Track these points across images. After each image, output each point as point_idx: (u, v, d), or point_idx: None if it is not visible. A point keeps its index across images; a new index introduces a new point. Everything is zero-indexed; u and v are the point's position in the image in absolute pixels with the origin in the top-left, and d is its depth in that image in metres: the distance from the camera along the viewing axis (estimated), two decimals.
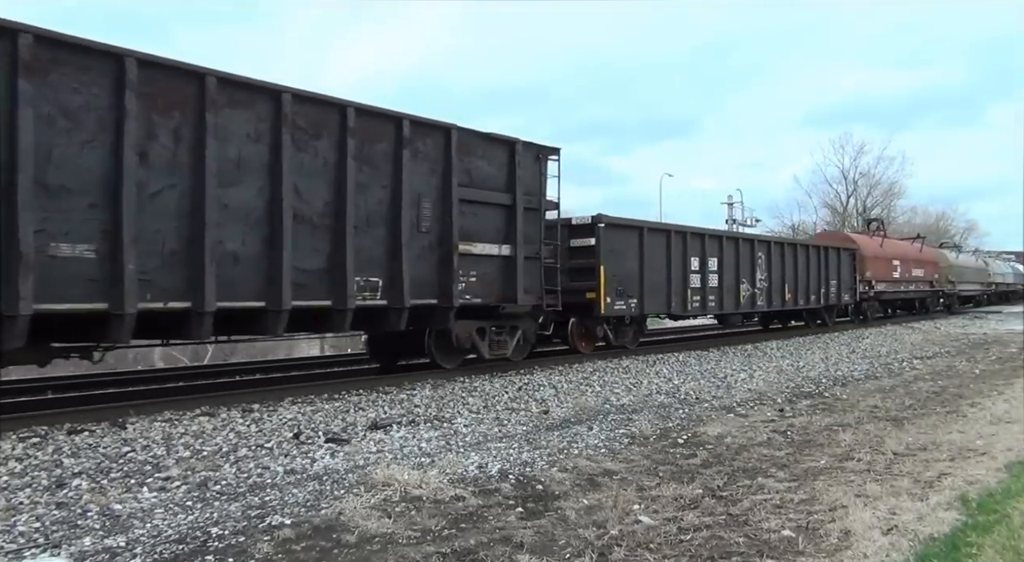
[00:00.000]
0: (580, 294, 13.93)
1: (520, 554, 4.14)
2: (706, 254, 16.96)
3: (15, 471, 5.86)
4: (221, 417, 8.12)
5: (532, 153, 12.27)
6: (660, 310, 16.08)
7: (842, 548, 4.19)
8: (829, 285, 22.67)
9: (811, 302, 21.82)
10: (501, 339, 12.14)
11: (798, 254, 21.19)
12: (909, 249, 31.50)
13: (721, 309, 17.84)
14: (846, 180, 62.17)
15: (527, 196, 12.04)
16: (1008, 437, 6.98)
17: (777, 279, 19.94)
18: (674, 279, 15.88)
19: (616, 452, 6.69)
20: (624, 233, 14.88)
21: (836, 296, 23.23)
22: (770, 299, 19.64)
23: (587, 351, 14.63)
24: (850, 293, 24.27)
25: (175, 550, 4.19)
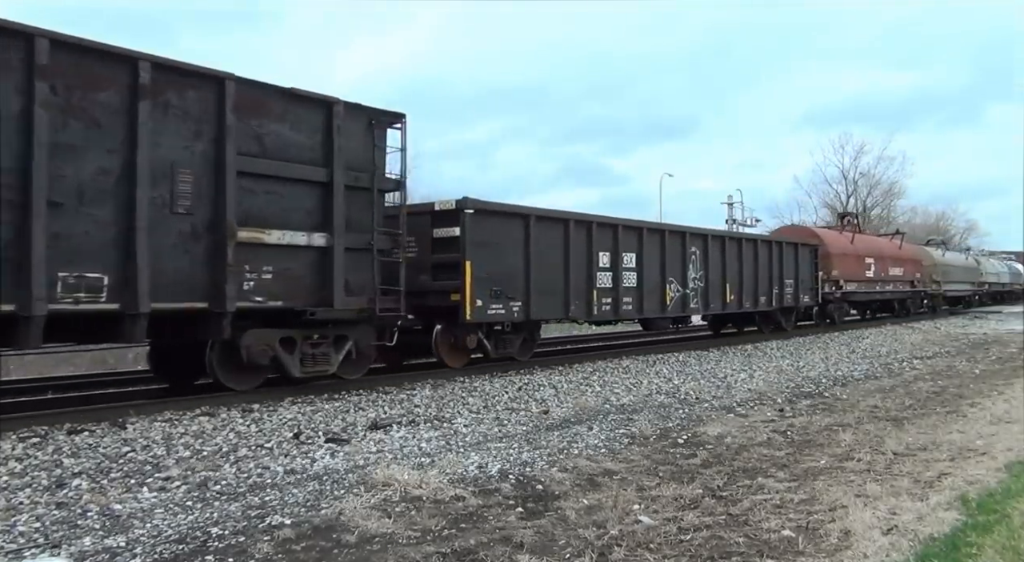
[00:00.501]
0: (445, 296, 11.59)
1: (520, 554, 4.14)
2: (620, 249, 14.33)
3: (15, 471, 5.86)
4: (221, 417, 8.12)
5: (361, 119, 9.85)
6: (555, 314, 13.42)
7: (842, 548, 4.19)
8: (784, 285, 19.97)
9: (761, 304, 18.98)
10: (320, 353, 9.64)
11: (743, 250, 18.35)
12: (886, 246, 29.20)
13: (641, 313, 15.21)
14: (846, 180, 62.24)
15: (354, 172, 9.63)
16: (1008, 437, 6.98)
17: (716, 278, 17.19)
18: (574, 278, 13.34)
19: (616, 452, 6.69)
20: (503, 222, 12.24)
21: (793, 297, 20.51)
22: (707, 301, 16.91)
23: (456, 365, 12.04)
24: (811, 294, 21.61)
25: (175, 550, 4.19)
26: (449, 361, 12.01)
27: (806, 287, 21.36)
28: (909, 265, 29.62)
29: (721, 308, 17.62)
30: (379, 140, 10.12)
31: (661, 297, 15.52)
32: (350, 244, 9.58)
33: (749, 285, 18.45)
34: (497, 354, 12.50)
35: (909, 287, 29.56)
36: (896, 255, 28.81)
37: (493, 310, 11.89)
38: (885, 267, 27.12)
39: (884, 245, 29.29)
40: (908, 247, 31.52)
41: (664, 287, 15.59)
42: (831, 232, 26.17)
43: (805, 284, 21.27)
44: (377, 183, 10.02)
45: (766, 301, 19.27)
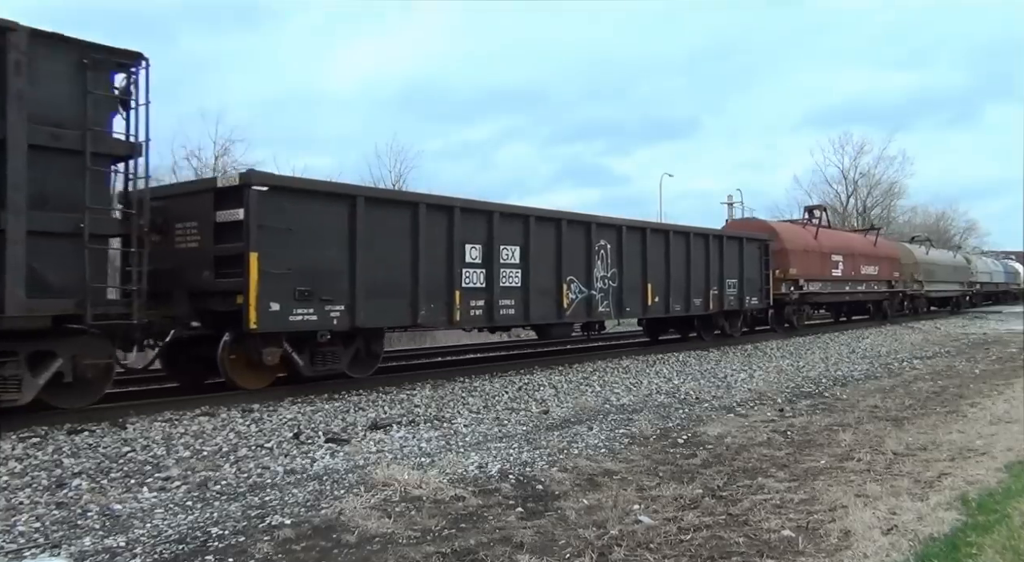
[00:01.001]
0: (230, 297, 8.90)
1: (520, 554, 4.14)
2: (496, 241, 11.67)
3: (15, 471, 5.86)
4: (221, 417, 8.12)
5: (63, 55, 7.38)
6: (397, 320, 10.65)
7: (842, 548, 4.19)
8: (726, 285, 17.29)
9: (695, 307, 16.26)
10: (5, 376, 7.09)
11: (672, 245, 15.59)
12: (858, 242, 26.25)
13: (527, 318, 12.33)
14: (846, 180, 62.18)
15: (49, 128, 7.23)
16: (1008, 437, 6.98)
17: (635, 277, 14.57)
18: (427, 275, 10.58)
19: (616, 452, 6.69)
20: (315, 204, 9.47)
21: (737, 299, 17.78)
22: (620, 304, 14.20)
23: (252, 387, 9.35)
24: (760, 295, 18.79)
25: (175, 550, 4.19)
26: (241, 381, 9.29)
27: (753, 287, 18.51)
28: (885, 263, 27.02)
29: (641, 312, 15.04)
30: (96, 86, 7.54)
31: (557, 299, 12.84)
32: (40, 226, 7.09)
33: (679, 285, 15.72)
34: (315, 372, 9.74)
35: (886, 287, 27.03)
36: (870, 253, 26.12)
37: (299, 316, 9.16)
38: (856, 265, 24.48)
39: (856, 241, 26.35)
40: (885, 244, 28.90)
41: (561, 288, 12.88)
42: (789, 226, 23.73)
43: (752, 284, 18.43)
44: (93, 145, 7.48)
45: (702, 304, 16.44)
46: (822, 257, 22.48)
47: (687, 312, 16.21)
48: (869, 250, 26.19)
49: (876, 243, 27.43)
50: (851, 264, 24.09)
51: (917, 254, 30.98)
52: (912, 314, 29.89)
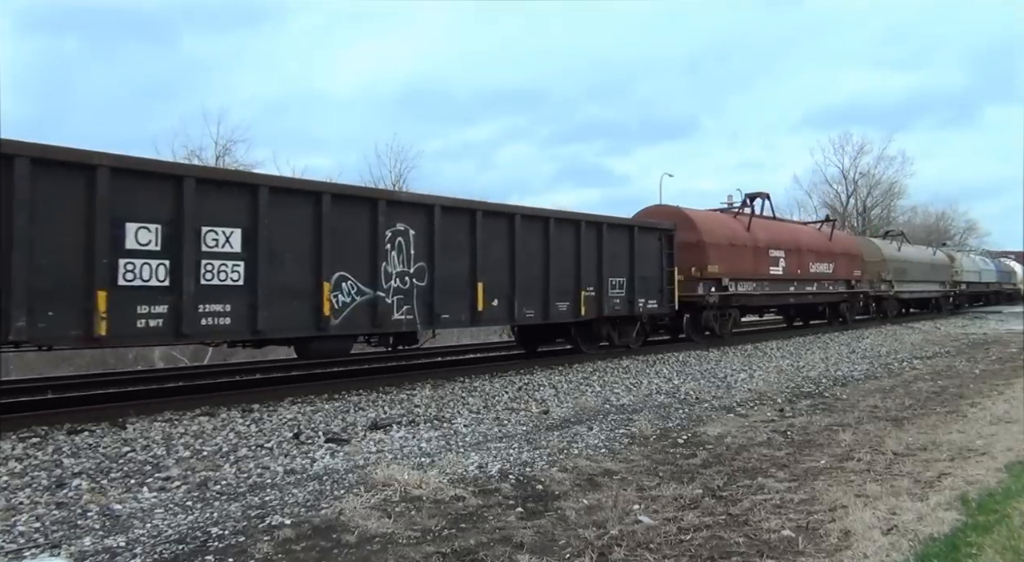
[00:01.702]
0: None
1: (520, 554, 4.14)
2: (195, 220, 8.18)
3: (15, 471, 5.86)
4: (221, 417, 8.13)
5: None
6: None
7: (842, 548, 4.19)
8: (607, 286, 13.87)
9: (557, 314, 12.78)
10: None
11: (519, 233, 12.03)
12: (806, 236, 22.81)
13: (255, 330, 8.66)
14: (846, 180, 62.18)
15: None
16: (1008, 437, 6.98)
17: (455, 274, 11.00)
18: (34, 268, 7.02)
19: (616, 452, 6.69)
20: None
21: (626, 303, 14.42)
22: (430, 309, 10.60)
23: None
24: (660, 297, 15.38)
25: (175, 550, 4.19)
26: None
27: (650, 288, 15.08)
28: (843, 260, 23.70)
29: (469, 319, 11.40)
30: None
31: (315, 305, 9.24)
32: None
33: (531, 285, 12.29)
34: None
35: (845, 288, 23.91)
36: (824, 248, 22.79)
37: None
38: (803, 262, 21.21)
39: (804, 235, 22.77)
40: (843, 238, 25.61)
41: (322, 288, 9.30)
42: (710, 215, 19.76)
43: (649, 284, 15.02)
44: None
45: (569, 309, 13.09)
46: (756, 252, 19.09)
47: (545, 319, 12.69)
48: (822, 245, 22.79)
49: (832, 237, 23.86)
50: (797, 261, 20.92)
51: (885, 250, 27.72)
52: (881, 318, 26.91)
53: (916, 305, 32.18)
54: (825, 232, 24.14)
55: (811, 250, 21.98)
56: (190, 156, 30.69)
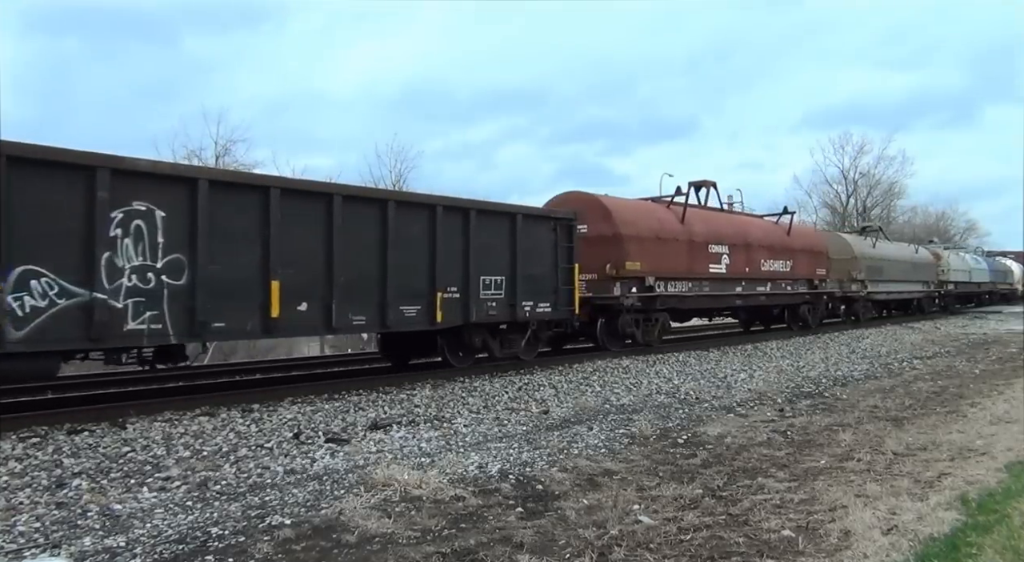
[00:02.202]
0: None
1: (520, 554, 4.14)
2: None
3: (15, 471, 5.86)
4: (221, 417, 8.12)
5: None
6: None
7: (842, 548, 4.19)
8: (476, 285, 11.32)
9: (400, 320, 10.25)
10: None
11: (340, 218, 9.54)
12: (759, 230, 20.02)
13: None
14: (846, 180, 62.16)
15: None
16: (1008, 437, 6.98)
17: (236, 269, 8.58)
18: None
19: (616, 452, 6.69)
20: None
21: (505, 307, 11.82)
22: (191, 315, 8.12)
23: None
24: (555, 300, 12.77)
25: (175, 550, 4.19)
26: None
27: (541, 288, 12.53)
28: (804, 258, 21.09)
29: (260, 328, 8.80)
30: None
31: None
32: None
33: (359, 284, 9.76)
34: None
35: (806, 288, 21.41)
36: (780, 244, 20.21)
37: None
38: (754, 260, 18.78)
39: (755, 229, 19.93)
40: (805, 233, 22.74)
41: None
42: (630, 204, 16.83)
43: (538, 283, 12.48)
44: None
45: (420, 314, 10.49)
46: (692, 248, 16.68)
47: (384, 327, 10.19)
48: (777, 240, 20.23)
49: (791, 231, 21.05)
50: (745, 258, 18.49)
51: (857, 247, 25.17)
52: (852, 321, 24.64)
53: (897, 307, 30.34)
54: (783, 226, 21.23)
55: (764, 246, 19.44)
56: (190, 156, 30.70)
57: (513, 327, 12.43)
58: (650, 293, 15.47)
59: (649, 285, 15.39)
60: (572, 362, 13.62)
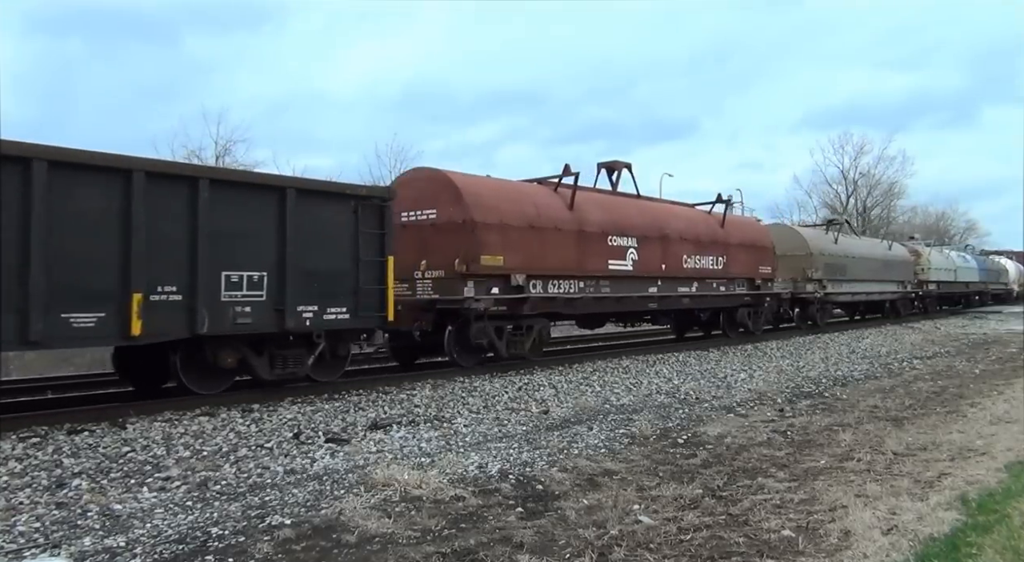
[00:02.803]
0: None
1: (520, 554, 4.13)
2: None
3: (15, 471, 5.86)
4: (221, 417, 8.13)
5: None
6: None
7: (842, 548, 4.19)
8: (214, 284, 8.56)
9: (59, 332, 7.31)
10: None
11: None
12: (680, 221, 16.83)
13: None
14: (846, 180, 62.20)
15: None
16: (1008, 437, 6.98)
17: None
18: None
19: (616, 452, 6.69)
20: None
21: (269, 312, 9.03)
22: None
23: None
24: (354, 302, 9.91)
25: (175, 550, 4.18)
26: None
27: (333, 289, 9.68)
28: (743, 254, 18.39)
29: None
30: None
31: None
32: None
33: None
34: None
35: (747, 288, 18.67)
36: (711, 237, 17.44)
37: None
38: (673, 255, 15.96)
39: (675, 219, 16.78)
40: (743, 225, 19.66)
41: None
42: (490, 183, 13.39)
43: (328, 282, 9.62)
44: None
45: (102, 324, 7.63)
46: (583, 239, 13.73)
47: (23, 342, 7.21)
48: (706, 233, 17.34)
49: (724, 223, 18.12)
50: (660, 253, 15.59)
51: (814, 242, 22.53)
52: (808, 326, 22.03)
53: (868, 309, 27.98)
54: (716, 216, 18.26)
55: (688, 240, 16.56)
56: (189, 156, 30.67)
57: (292, 340, 9.51)
58: (518, 295, 12.43)
59: (517, 285, 12.35)
60: (572, 362, 13.62)
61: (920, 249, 32.21)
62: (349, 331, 10.15)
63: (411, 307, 11.84)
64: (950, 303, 36.40)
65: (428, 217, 12.31)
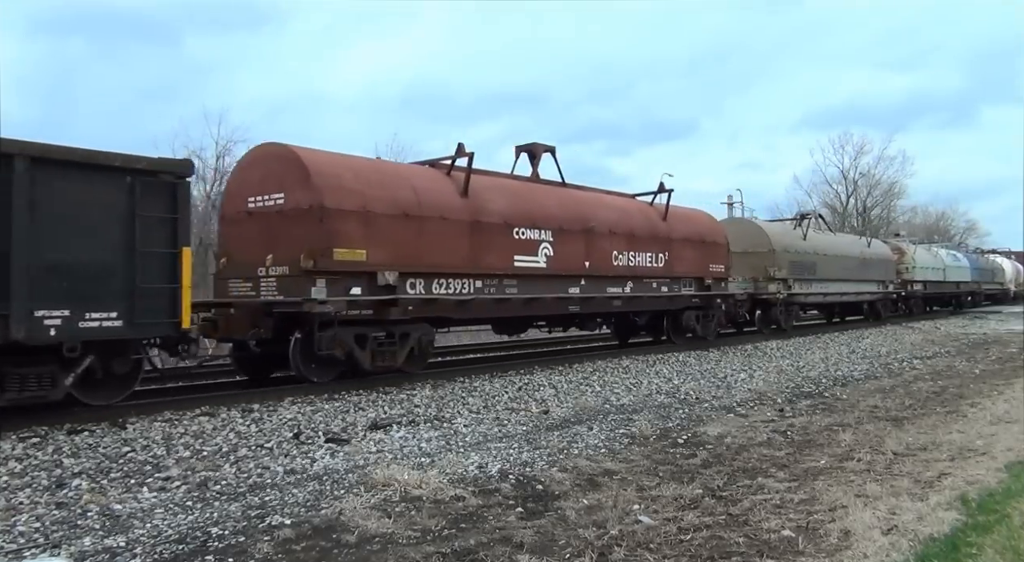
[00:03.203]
0: None
1: (520, 554, 4.13)
2: None
3: (15, 471, 5.86)
4: (221, 417, 8.12)
5: None
6: None
7: (842, 548, 4.19)
8: None
9: None
10: None
11: None
12: (610, 211, 14.75)
13: None
14: (846, 180, 62.20)
15: None
16: (1008, 437, 6.98)
17: None
18: None
19: (616, 452, 6.69)
20: None
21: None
22: None
23: None
24: (131, 307, 7.70)
25: (175, 550, 4.18)
26: None
27: (100, 289, 7.60)
28: (689, 250, 16.26)
29: None
30: None
31: None
32: None
33: None
34: None
35: (694, 289, 16.52)
36: (650, 231, 15.33)
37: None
38: (600, 251, 13.95)
39: (604, 209, 14.61)
40: (689, 218, 17.15)
41: None
42: (353, 161, 11.31)
43: (94, 281, 7.58)
44: None
45: None
46: (478, 231, 11.76)
47: None
48: (643, 227, 15.20)
49: (667, 216, 16.02)
50: (583, 249, 13.60)
51: (778, 238, 20.50)
52: (772, 330, 19.91)
53: (847, 311, 26.18)
54: (658, 208, 15.99)
55: (619, 233, 14.35)
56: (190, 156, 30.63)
57: (34, 355, 7.33)
58: (386, 296, 10.40)
59: (387, 284, 10.37)
60: (572, 362, 13.61)
61: (904, 247, 30.30)
62: (125, 343, 7.92)
63: (249, 311, 9.93)
64: (939, 304, 34.28)
65: (275, 202, 10.31)
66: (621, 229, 14.60)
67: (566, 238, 13.30)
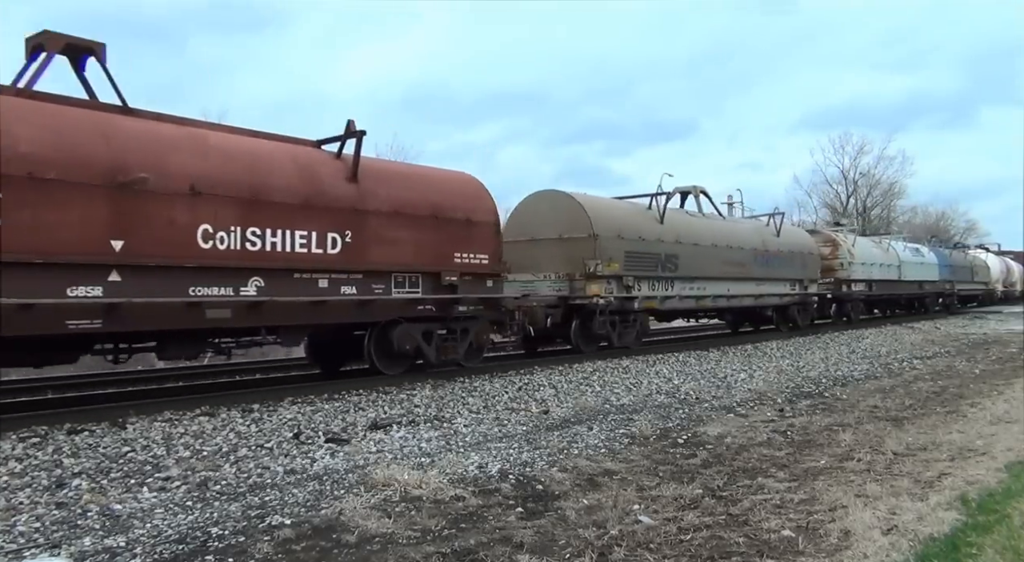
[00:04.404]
0: None
1: (520, 554, 4.13)
2: None
3: (15, 471, 5.85)
4: (221, 417, 8.12)
5: None
6: None
7: (842, 548, 4.19)
8: None
9: None
10: None
11: None
12: (214, 151, 8.47)
13: None
14: (846, 180, 62.22)
15: None
16: (1008, 437, 6.98)
17: None
18: None
19: (616, 452, 6.69)
20: None
21: None
22: None
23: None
24: None
25: (175, 550, 4.18)
26: None
27: None
28: (405, 230, 10.46)
29: None
30: None
31: None
32: None
33: None
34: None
35: (422, 291, 10.50)
36: (302, 193, 9.19)
37: None
38: (165, 220, 7.90)
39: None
40: (408, 176, 11.08)
41: None
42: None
43: None
44: None
45: None
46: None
47: None
48: (286, 185, 9.06)
49: (357, 175, 9.88)
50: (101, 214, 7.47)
51: (604, 223, 14.62)
52: (602, 348, 14.89)
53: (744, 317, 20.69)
54: (344, 161, 10.01)
55: (220, 194, 8.36)
56: None
57: None
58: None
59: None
60: (572, 362, 13.61)
61: (838, 238, 24.53)
62: None
63: None
64: (892, 307, 28.71)
65: None
66: (226, 187, 8.46)
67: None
